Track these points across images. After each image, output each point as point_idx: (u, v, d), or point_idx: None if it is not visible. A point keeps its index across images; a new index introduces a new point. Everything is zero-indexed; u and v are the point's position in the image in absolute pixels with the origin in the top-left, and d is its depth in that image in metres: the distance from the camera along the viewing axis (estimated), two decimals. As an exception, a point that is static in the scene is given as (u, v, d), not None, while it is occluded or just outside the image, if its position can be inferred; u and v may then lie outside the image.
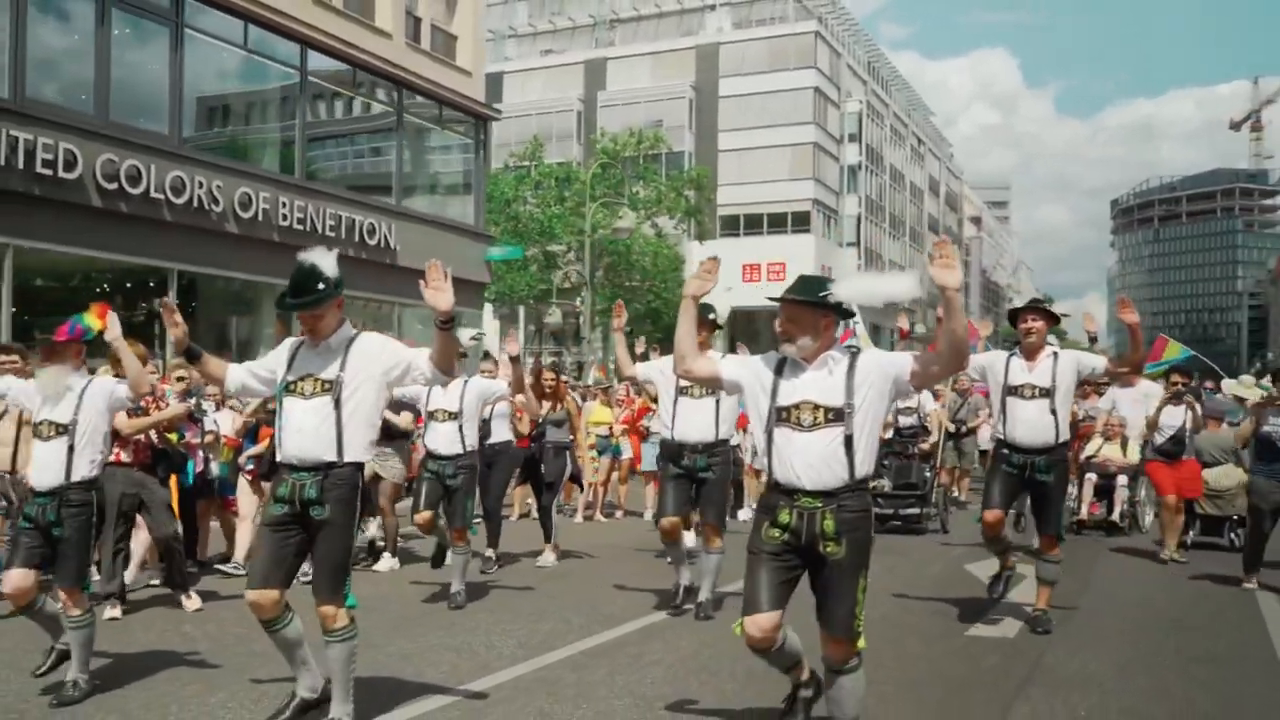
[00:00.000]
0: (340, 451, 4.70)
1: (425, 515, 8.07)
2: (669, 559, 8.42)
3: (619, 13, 61.92)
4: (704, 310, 7.39)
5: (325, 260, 4.81)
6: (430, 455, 8.19)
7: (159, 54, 18.13)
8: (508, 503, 12.30)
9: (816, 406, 4.20)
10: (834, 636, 4.25)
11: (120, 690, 5.46)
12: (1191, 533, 11.43)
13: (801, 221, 55.61)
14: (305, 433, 4.71)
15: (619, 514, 14.53)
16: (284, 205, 19.83)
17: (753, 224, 55.85)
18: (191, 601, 7.59)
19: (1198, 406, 10.79)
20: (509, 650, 6.49)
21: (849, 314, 4.49)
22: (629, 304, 41.22)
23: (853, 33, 65.18)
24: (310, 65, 21.09)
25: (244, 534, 9.13)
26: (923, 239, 75.46)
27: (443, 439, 8.10)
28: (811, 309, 4.27)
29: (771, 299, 4.43)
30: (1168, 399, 10.61)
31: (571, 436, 11.15)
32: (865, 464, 4.24)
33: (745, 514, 12.75)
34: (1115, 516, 12.56)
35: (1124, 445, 12.62)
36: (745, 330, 56.18)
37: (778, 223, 55.60)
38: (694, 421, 7.35)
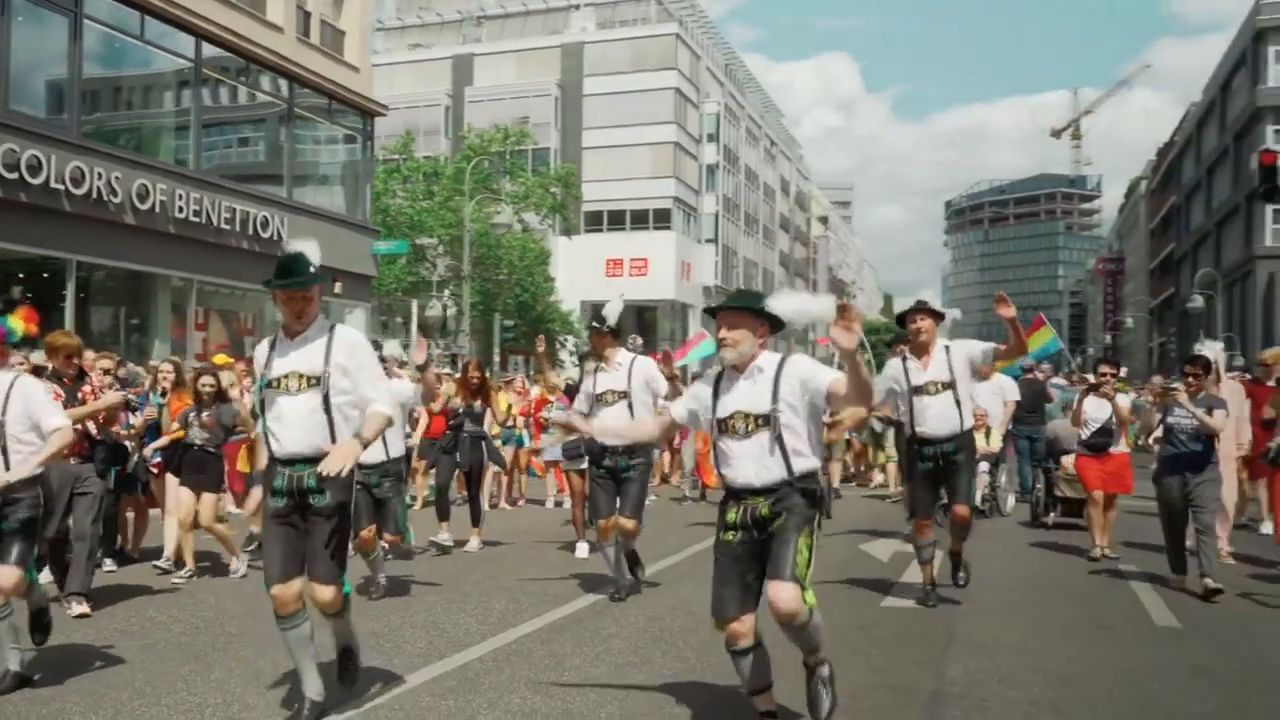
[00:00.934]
0: (334, 441, 4.70)
1: (366, 532, 7.71)
2: (591, 552, 8.96)
3: (486, 9, 62.04)
4: (598, 320, 7.95)
5: (311, 248, 4.90)
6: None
7: (58, 43, 17.91)
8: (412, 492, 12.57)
9: (747, 415, 4.45)
10: (778, 578, 4.31)
11: (60, 686, 5.35)
12: (1053, 514, 12.33)
13: (663, 219, 56.78)
14: (297, 428, 4.71)
15: (521, 502, 14.89)
16: (180, 197, 19.74)
17: (616, 220, 56.75)
18: (80, 607, 6.95)
19: (1120, 398, 10.19)
20: (474, 628, 6.75)
21: (781, 325, 4.59)
22: (496, 298, 41.80)
23: (711, 36, 66.72)
24: (205, 57, 21.03)
25: (170, 530, 8.75)
26: (775, 237, 77.81)
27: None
28: (752, 316, 4.50)
29: (712, 309, 4.63)
30: (1088, 390, 10.34)
31: (496, 427, 11.53)
32: (803, 460, 4.46)
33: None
34: (977, 501, 13.32)
35: (987, 434, 13.17)
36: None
37: (640, 219, 56.67)
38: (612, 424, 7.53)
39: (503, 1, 61.93)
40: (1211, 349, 9.88)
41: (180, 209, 19.74)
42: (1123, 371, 11.63)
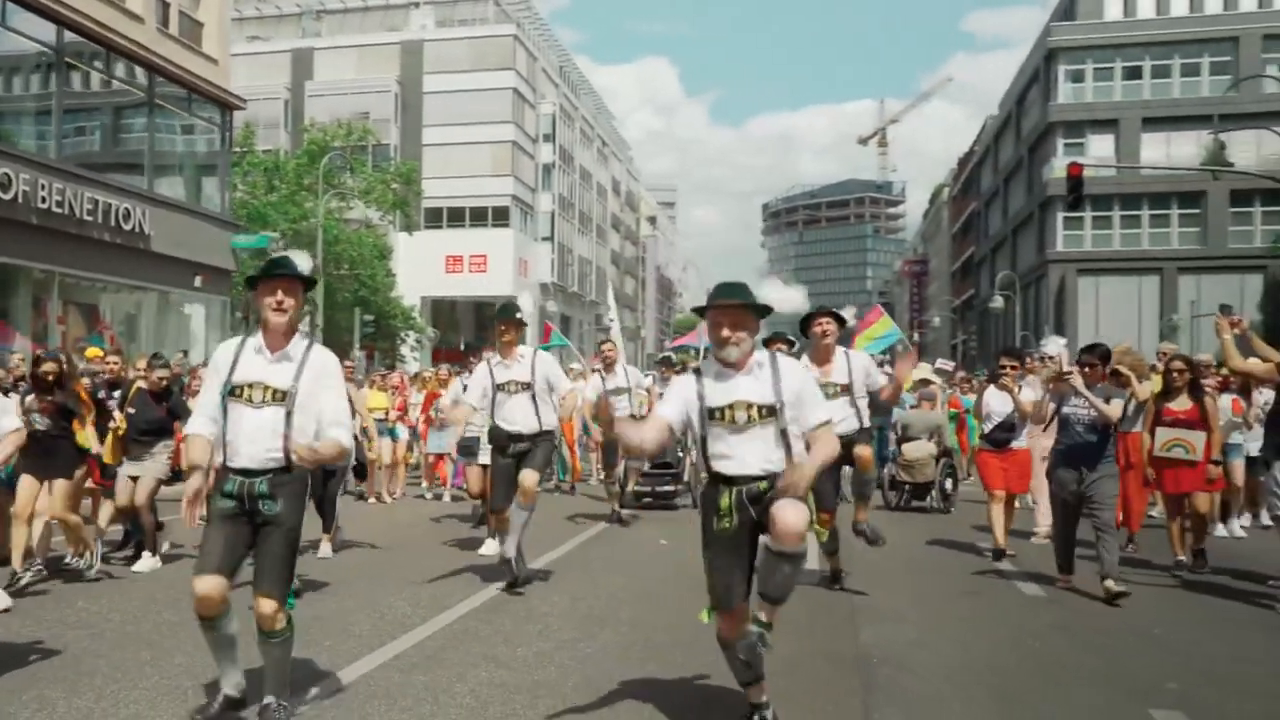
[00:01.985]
0: (289, 459, 4.47)
1: None
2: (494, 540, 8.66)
3: (326, 4, 60.96)
4: (511, 310, 7.84)
5: (302, 258, 4.97)
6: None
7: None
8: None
9: (750, 405, 4.33)
10: (792, 500, 4.15)
11: (27, 671, 5.34)
12: (900, 499, 13.32)
13: (501, 216, 57.10)
14: (256, 442, 4.44)
15: (399, 493, 14.69)
16: (43, 188, 19.24)
17: (456, 217, 56.73)
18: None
19: (1020, 391, 9.20)
20: (413, 610, 6.84)
21: (767, 311, 4.51)
22: (338, 293, 41.37)
23: (545, 37, 67.29)
24: (65, 43, 20.53)
25: (18, 535, 7.70)
26: (607, 235, 78.96)
27: None
28: (752, 313, 4.41)
29: (706, 307, 4.46)
30: (987, 382, 9.81)
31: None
32: (800, 453, 4.39)
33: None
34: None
35: None
36: (447, 320, 57.24)
37: (479, 217, 56.82)
38: (516, 414, 7.63)
39: (342, -4, 61.11)
40: (1055, 344, 10.39)
41: (43, 199, 19.24)
42: (1057, 354, 10.97)
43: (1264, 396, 10.37)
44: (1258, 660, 5.97)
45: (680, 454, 13.36)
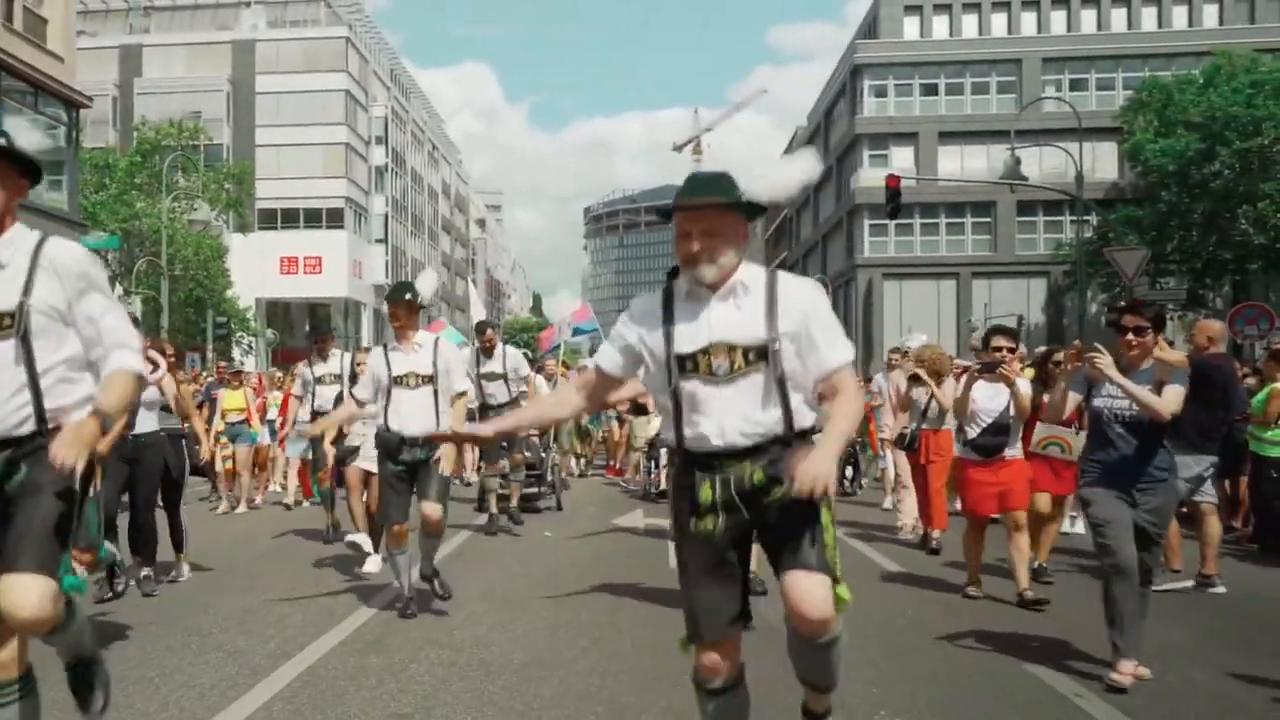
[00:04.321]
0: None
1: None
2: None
3: (154, 0, 58.66)
4: (402, 289, 6.58)
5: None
6: None
7: None
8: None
9: (733, 348, 3.07)
10: (801, 567, 3.05)
11: None
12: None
13: (335, 218, 56.28)
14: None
15: (258, 500, 13.69)
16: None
17: (290, 219, 55.61)
18: None
19: (1021, 383, 6.95)
20: (334, 607, 6.70)
21: (761, 211, 3.22)
22: (171, 293, 40.18)
23: (376, 40, 66.58)
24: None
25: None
26: (438, 238, 78.55)
27: None
28: (734, 213, 3.13)
29: (674, 208, 3.14)
30: (977, 371, 7.01)
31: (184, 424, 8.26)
32: (806, 415, 3.16)
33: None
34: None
35: None
36: (282, 321, 56.03)
37: (313, 218, 55.87)
38: (413, 413, 6.43)
39: (170, -7, 58.89)
40: (916, 340, 9.97)
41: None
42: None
43: None
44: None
45: (543, 454, 12.65)
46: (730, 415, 3.08)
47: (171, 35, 57.02)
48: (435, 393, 6.51)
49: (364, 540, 7.95)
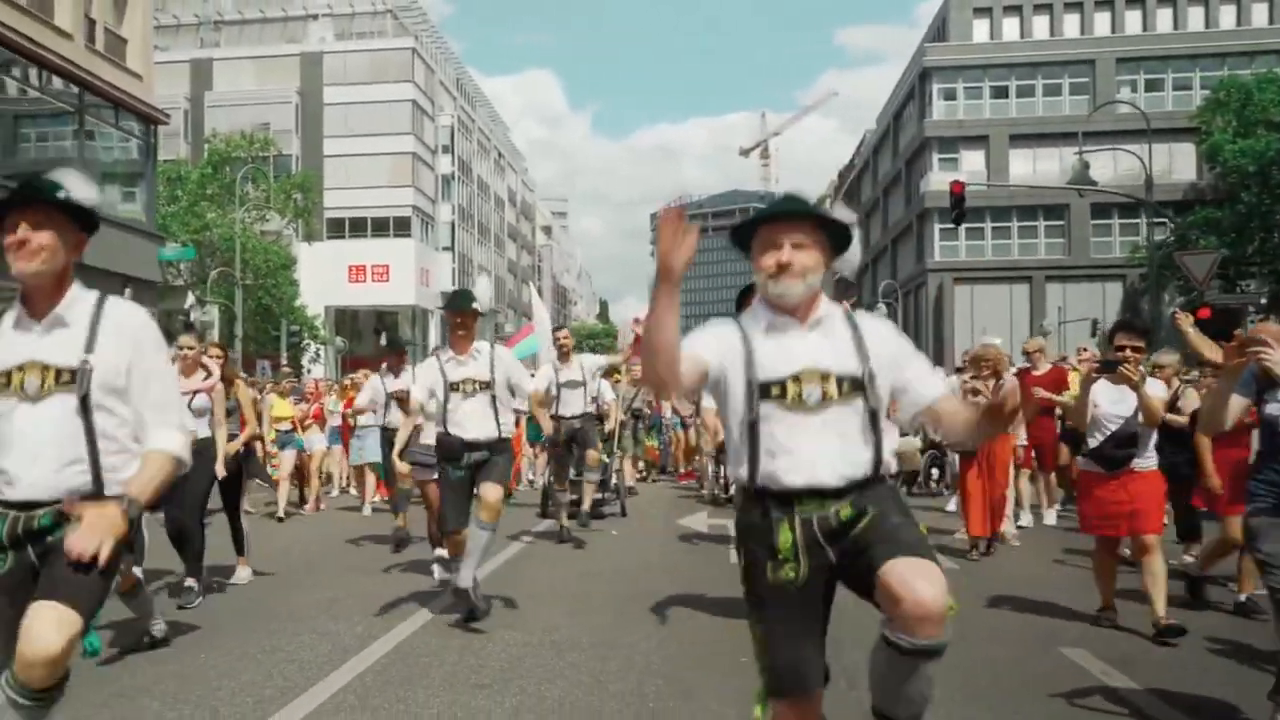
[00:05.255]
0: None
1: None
2: (441, 567, 7.86)
3: (224, 14, 60.61)
4: (466, 299, 6.62)
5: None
6: None
7: None
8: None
9: (827, 376, 2.89)
10: (911, 553, 2.76)
11: None
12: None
13: (402, 226, 57.56)
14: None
15: (306, 508, 13.69)
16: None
17: (357, 227, 57.03)
18: None
19: (1152, 385, 6.30)
20: (413, 597, 7.16)
21: (847, 239, 3.02)
22: (245, 303, 41.46)
23: (442, 49, 67.94)
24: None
25: None
26: (504, 245, 79.77)
27: None
28: (824, 236, 2.99)
29: (755, 221, 3.00)
30: (1095, 372, 6.35)
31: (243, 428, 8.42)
32: (888, 455, 3.02)
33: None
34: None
35: None
36: (350, 329, 57.39)
37: (380, 227, 57.22)
38: (472, 419, 6.50)
39: (240, 8, 60.74)
40: (991, 343, 9.68)
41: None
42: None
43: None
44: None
45: (606, 459, 12.03)
46: (820, 449, 2.87)
47: (241, 49, 58.85)
48: (494, 398, 6.55)
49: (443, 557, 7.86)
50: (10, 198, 3.01)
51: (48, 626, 2.73)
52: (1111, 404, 6.17)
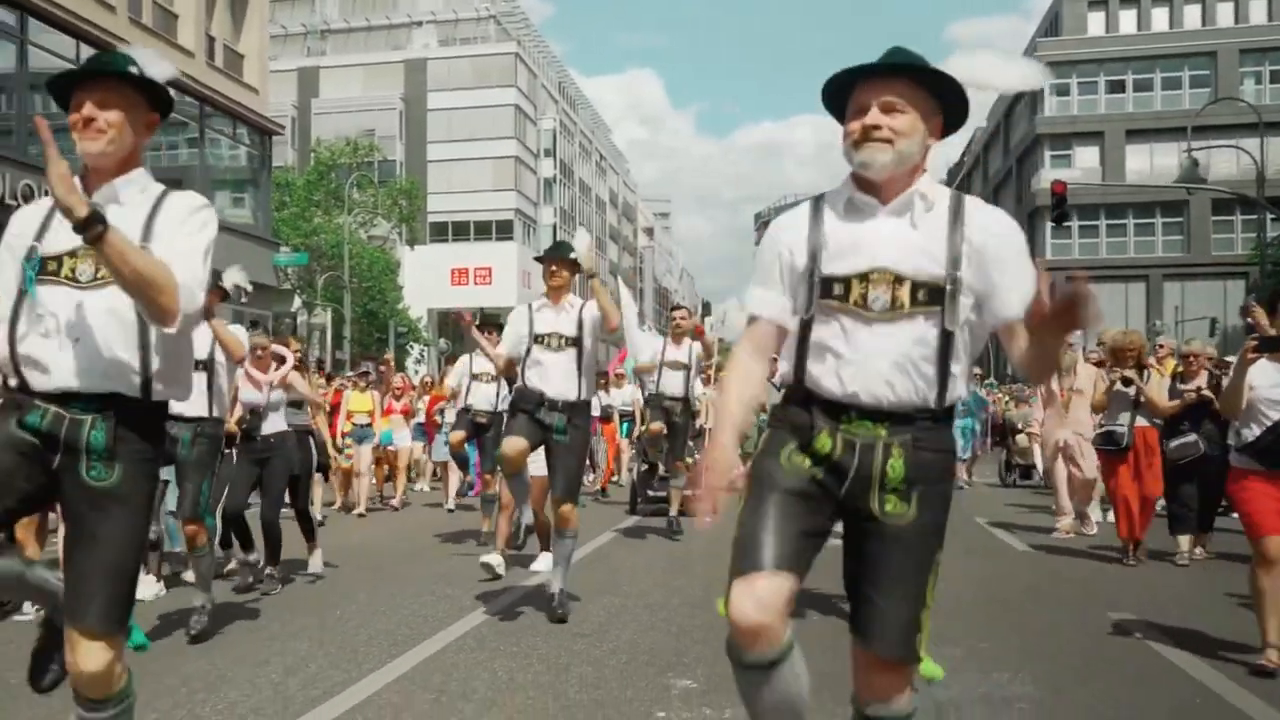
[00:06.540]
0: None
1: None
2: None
3: (330, 23, 63.14)
4: (564, 247, 6.57)
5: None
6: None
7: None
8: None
9: (898, 279, 2.50)
10: (882, 659, 2.56)
11: None
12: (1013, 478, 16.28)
13: (505, 229, 59.14)
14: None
15: (393, 501, 13.68)
16: (110, 210, 21.22)
17: (460, 231, 58.79)
18: None
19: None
20: (444, 613, 7.53)
21: (962, 112, 2.62)
22: (351, 305, 43.22)
23: (544, 53, 69.50)
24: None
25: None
26: (606, 247, 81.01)
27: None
28: (928, 96, 2.56)
29: (858, 71, 2.56)
30: (1253, 351, 5.36)
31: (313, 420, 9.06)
32: (960, 383, 2.57)
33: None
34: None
35: None
36: (453, 331, 59.09)
37: (483, 230, 58.88)
38: (554, 375, 6.23)
39: (346, 16, 63.21)
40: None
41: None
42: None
43: None
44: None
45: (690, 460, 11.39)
46: (878, 362, 2.49)
47: (347, 56, 61.14)
48: (580, 355, 6.27)
49: (498, 562, 7.61)
50: (75, 71, 2.88)
51: (89, 659, 2.68)
52: (1270, 388, 5.25)
